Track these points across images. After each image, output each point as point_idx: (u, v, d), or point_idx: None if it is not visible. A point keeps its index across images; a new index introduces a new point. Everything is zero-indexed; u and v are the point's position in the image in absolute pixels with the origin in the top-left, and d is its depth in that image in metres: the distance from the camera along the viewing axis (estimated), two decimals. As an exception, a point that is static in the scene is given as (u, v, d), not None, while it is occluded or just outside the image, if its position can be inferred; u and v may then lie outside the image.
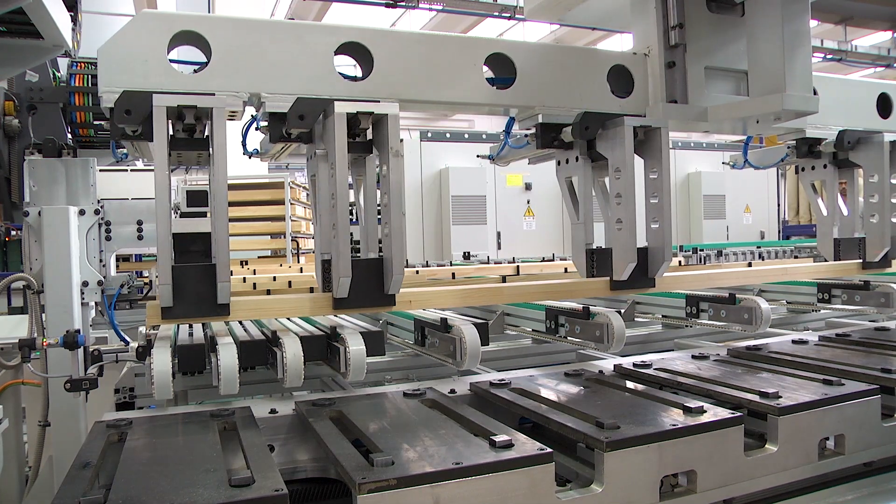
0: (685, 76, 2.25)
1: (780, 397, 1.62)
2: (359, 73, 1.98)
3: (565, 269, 4.71)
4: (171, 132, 1.82)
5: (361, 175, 2.07)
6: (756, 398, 1.64)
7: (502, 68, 2.14)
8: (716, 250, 7.08)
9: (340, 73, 1.91)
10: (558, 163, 2.41)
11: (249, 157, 2.39)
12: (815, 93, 2.18)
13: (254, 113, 2.01)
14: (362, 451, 1.37)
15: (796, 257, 6.61)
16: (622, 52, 2.30)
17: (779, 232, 12.22)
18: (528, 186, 9.89)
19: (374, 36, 1.95)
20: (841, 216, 2.94)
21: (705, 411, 1.53)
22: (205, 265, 1.77)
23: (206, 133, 1.86)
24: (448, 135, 10.11)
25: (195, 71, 1.84)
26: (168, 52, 1.77)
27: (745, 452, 1.51)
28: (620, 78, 2.26)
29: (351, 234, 1.96)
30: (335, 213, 1.86)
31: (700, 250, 7.14)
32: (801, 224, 13.38)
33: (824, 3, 2.27)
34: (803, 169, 3.01)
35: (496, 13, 15.35)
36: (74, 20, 4.19)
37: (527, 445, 1.34)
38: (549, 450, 1.31)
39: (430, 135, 9.97)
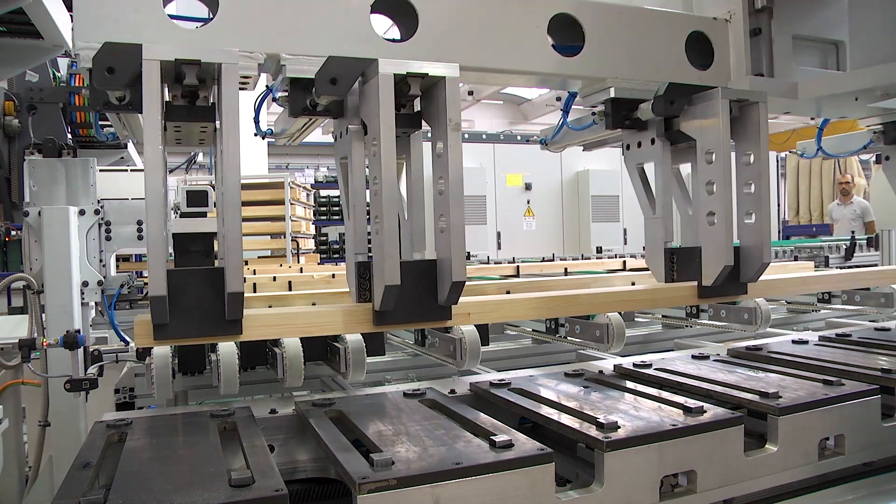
0: (771, 46, 1.97)
1: (780, 397, 1.62)
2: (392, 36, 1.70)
3: (565, 269, 4.71)
4: (166, 99, 1.50)
5: (403, 157, 1.74)
6: (756, 398, 1.64)
7: (568, 34, 1.85)
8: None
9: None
10: (627, 147, 2.09)
11: (263, 138, 2.10)
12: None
13: (268, 83, 1.68)
14: (362, 451, 1.37)
15: (796, 258, 6.61)
16: (701, 16, 2.02)
17: (779, 232, 12.24)
18: (528, 186, 9.91)
19: None
20: None
21: (705, 411, 1.53)
22: (210, 269, 1.48)
23: (210, 102, 1.54)
24: (448, 135, 10.12)
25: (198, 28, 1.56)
26: (164, 6, 1.45)
27: (745, 452, 1.51)
28: (699, 47, 1.98)
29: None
30: (379, 201, 1.52)
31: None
32: (801, 224, 13.38)
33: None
34: (887, 158, 2.65)
35: (496, 13, 15.37)
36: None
37: (527, 445, 1.34)
38: (549, 450, 1.31)
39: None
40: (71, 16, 4.07)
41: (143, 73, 1.33)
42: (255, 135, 2.07)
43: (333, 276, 3.96)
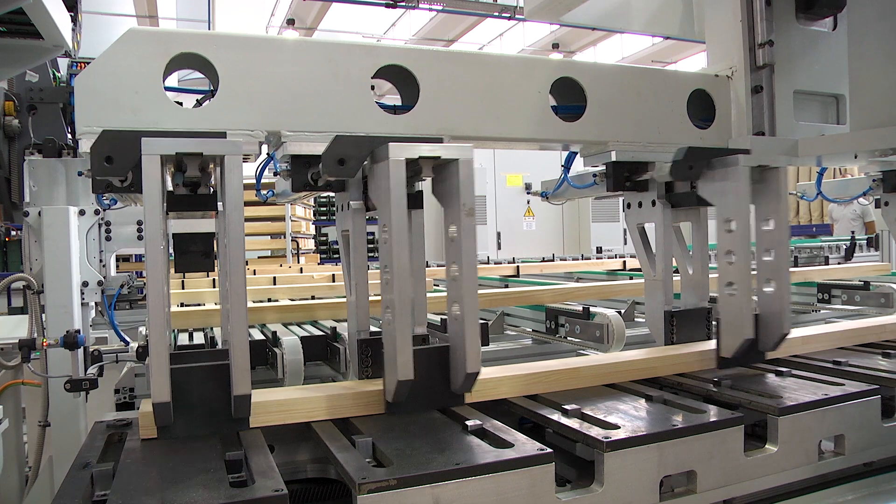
0: (773, 102, 1.96)
1: (780, 397, 1.62)
2: (382, 98, 1.72)
3: (566, 273, 4.70)
4: (168, 183, 1.47)
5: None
6: (756, 398, 1.64)
7: (569, 95, 1.85)
8: (716, 251, 7.08)
9: (378, 103, 1.60)
10: (628, 205, 2.09)
11: (264, 201, 2.13)
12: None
13: (269, 152, 1.69)
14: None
15: (796, 258, 6.61)
16: (702, 73, 2.03)
17: (779, 232, 12.22)
18: (528, 187, 9.90)
19: (419, 58, 1.64)
20: None
21: (705, 411, 1.53)
22: (215, 365, 1.42)
23: (212, 180, 1.51)
24: (448, 135, 10.10)
25: (198, 102, 1.57)
26: (164, 80, 1.44)
27: (745, 452, 1.51)
28: (700, 105, 1.98)
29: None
30: (390, 289, 1.46)
31: (700, 250, 7.14)
32: (801, 224, 13.37)
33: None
34: (887, 203, 2.61)
35: (496, 13, 15.42)
36: (74, 20, 4.19)
37: (527, 445, 1.34)
38: (549, 450, 1.32)
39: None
40: (71, 16, 4.08)
41: (143, 168, 1.30)
42: (256, 196, 2.08)
43: (333, 277, 3.96)
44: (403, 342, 1.46)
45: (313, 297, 3.24)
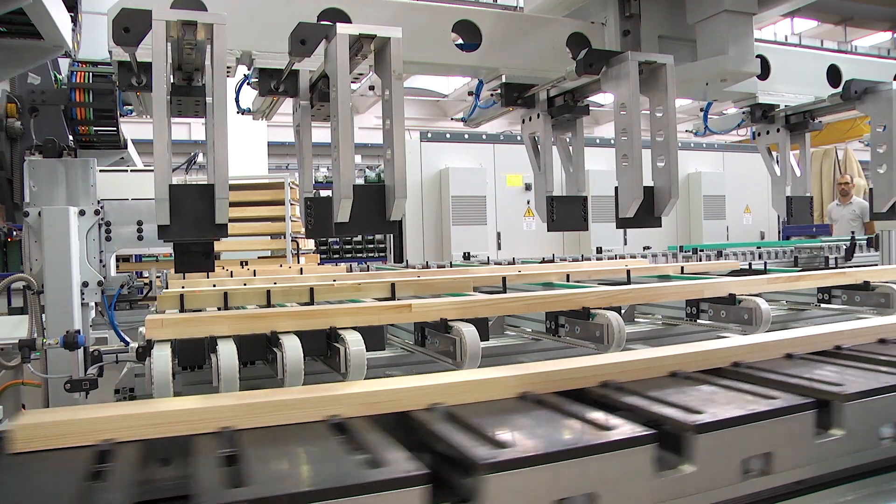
0: (639, 45, 2.49)
1: (701, 412, 1.44)
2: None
3: (567, 276, 4.66)
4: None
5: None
6: (674, 412, 1.46)
7: (470, 34, 2.42)
8: (716, 251, 7.09)
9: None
10: (523, 120, 2.66)
11: (242, 114, 2.55)
12: (763, 61, 2.58)
13: (246, 72, 2.23)
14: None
15: (796, 258, 6.61)
16: (581, 21, 2.57)
17: (779, 232, 12.21)
18: (528, 187, 9.88)
19: (352, 4, 2.22)
20: (794, 176, 3.19)
21: (614, 427, 1.38)
22: (203, 185, 1.80)
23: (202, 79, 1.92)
24: (448, 135, 10.09)
25: None
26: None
27: (658, 472, 1.36)
28: (579, 44, 2.50)
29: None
30: (336, 134, 1.87)
31: (700, 251, 7.15)
32: (801, 224, 13.35)
33: (824, 3, 2.32)
34: (758, 134, 3.26)
35: (496, 14, 15.39)
36: (74, 21, 4.19)
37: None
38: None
39: (430, 135, 9.96)
40: (71, 17, 4.07)
41: (153, 31, 1.72)
42: (237, 112, 2.52)
43: (335, 281, 3.92)
44: (346, 169, 1.83)
45: (312, 296, 3.22)
